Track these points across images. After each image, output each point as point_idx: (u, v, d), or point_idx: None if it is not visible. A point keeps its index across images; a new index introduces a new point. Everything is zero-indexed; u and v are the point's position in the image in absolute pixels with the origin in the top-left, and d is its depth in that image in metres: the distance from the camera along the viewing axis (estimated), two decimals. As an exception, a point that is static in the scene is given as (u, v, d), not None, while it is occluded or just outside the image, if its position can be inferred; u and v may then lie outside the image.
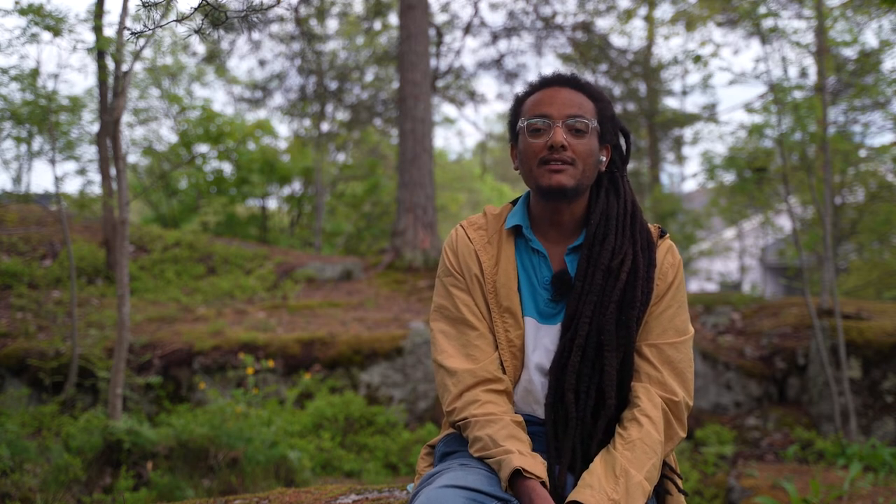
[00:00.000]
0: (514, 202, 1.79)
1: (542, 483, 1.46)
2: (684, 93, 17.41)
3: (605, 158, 1.70)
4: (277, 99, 20.59)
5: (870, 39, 20.60)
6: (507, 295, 1.66)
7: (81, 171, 11.56)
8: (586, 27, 14.57)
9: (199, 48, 15.16)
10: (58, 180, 7.24)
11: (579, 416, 1.58)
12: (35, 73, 6.62)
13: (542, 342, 1.65)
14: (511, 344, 1.65)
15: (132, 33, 1.88)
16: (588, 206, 1.70)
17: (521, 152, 1.68)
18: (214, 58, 14.88)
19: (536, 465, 1.47)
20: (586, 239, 1.65)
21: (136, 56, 5.46)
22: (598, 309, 1.59)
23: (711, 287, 15.82)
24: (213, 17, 1.84)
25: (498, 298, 1.66)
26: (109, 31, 6.13)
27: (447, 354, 1.65)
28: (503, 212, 1.77)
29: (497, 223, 1.74)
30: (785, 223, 11.29)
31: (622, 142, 1.76)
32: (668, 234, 1.72)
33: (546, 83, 1.69)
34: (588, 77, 15.52)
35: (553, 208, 1.67)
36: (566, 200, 1.64)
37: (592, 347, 1.58)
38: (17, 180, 14.03)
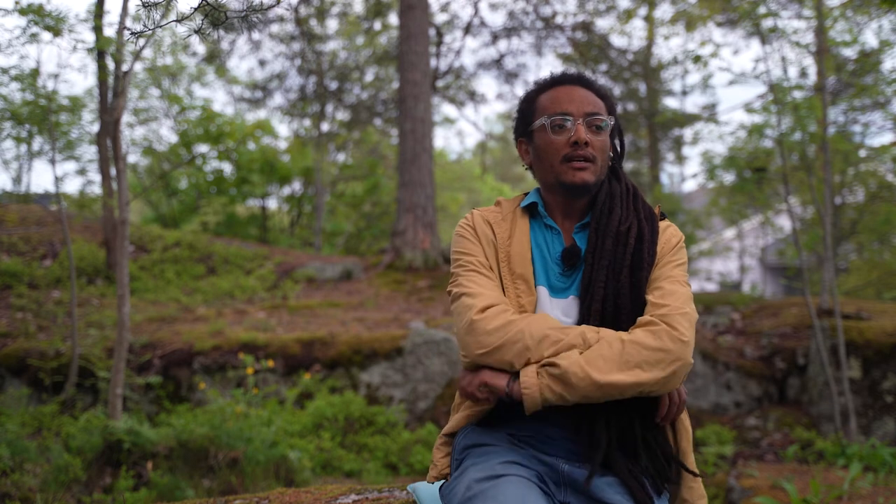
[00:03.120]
0: (525, 193, 1.86)
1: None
2: (684, 93, 17.42)
3: (611, 153, 1.77)
4: (277, 99, 20.61)
5: (870, 39, 20.61)
6: (520, 262, 1.70)
7: (81, 171, 11.58)
8: (586, 27, 14.57)
9: (199, 48, 15.18)
10: (58, 180, 7.24)
11: None
12: (35, 73, 6.62)
13: (554, 314, 1.67)
14: (523, 310, 1.67)
15: (132, 33, 1.88)
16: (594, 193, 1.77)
17: (539, 149, 1.73)
18: (214, 58, 14.89)
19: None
20: (594, 215, 1.71)
21: (136, 56, 5.46)
22: (611, 275, 1.64)
23: (711, 287, 15.82)
24: (213, 17, 1.84)
25: (511, 266, 1.71)
26: (109, 31, 6.13)
27: (467, 286, 1.67)
28: (517, 198, 1.84)
29: (511, 206, 1.81)
30: (785, 223, 11.29)
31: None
32: (667, 217, 1.79)
33: (559, 81, 1.75)
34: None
35: (568, 201, 1.74)
36: (587, 195, 1.71)
37: (610, 312, 1.62)
38: (17, 180, 14.04)
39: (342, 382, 6.46)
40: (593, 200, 1.75)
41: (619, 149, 1.82)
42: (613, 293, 1.62)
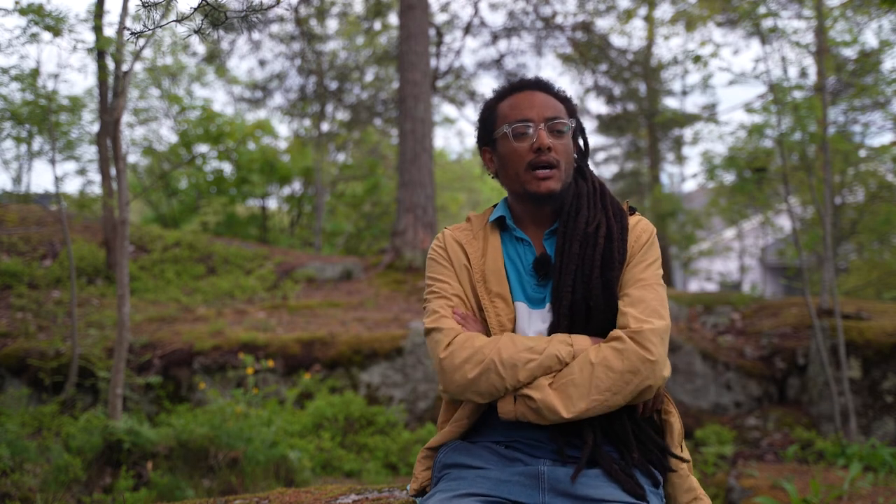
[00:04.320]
0: (494, 206, 1.86)
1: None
2: (684, 93, 17.44)
3: (575, 154, 1.77)
4: (277, 99, 20.58)
5: (870, 39, 20.61)
6: (496, 281, 1.70)
7: (81, 171, 11.58)
8: (586, 27, 14.57)
9: (199, 48, 15.18)
10: (58, 180, 7.24)
11: None
12: (35, 73, 6.62)
13: (534, 326, 1.68)
14: (503, 327, 1.67)
15: (132, 33, 1.88)
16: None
17: (503, 157, 1.74)
18: (214, 58, 14.88)
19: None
20: (561, 218, 1.71)
21: (136, 56, 5.46)
22: (580, 277, 1.63)
23: (711, 287, 15.83)
24: (213, 17, 1.84)
25: (487, 285, 1.71)
26: (109, 31, 6.13)
27: (435, 319, 1.68)
28: (486, 213, 1.84)
29: (481, 221, 1.81)
30: (785, 223, 11.29)
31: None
32: (637, 211, 1.78)
33: (517, 88, 1.76)
34: (588, 77, 15.51)
35: (537, 208, 1.74)
36: (555, 203, 1.71)
37: (581, 315, 1.62)
38: (17, 180, 14.05)
39: (342, 382, 6.46)
40: (561, 204, 1.75)
41: (583, 148, 1.82)
42: (584, 296, 1.62)
